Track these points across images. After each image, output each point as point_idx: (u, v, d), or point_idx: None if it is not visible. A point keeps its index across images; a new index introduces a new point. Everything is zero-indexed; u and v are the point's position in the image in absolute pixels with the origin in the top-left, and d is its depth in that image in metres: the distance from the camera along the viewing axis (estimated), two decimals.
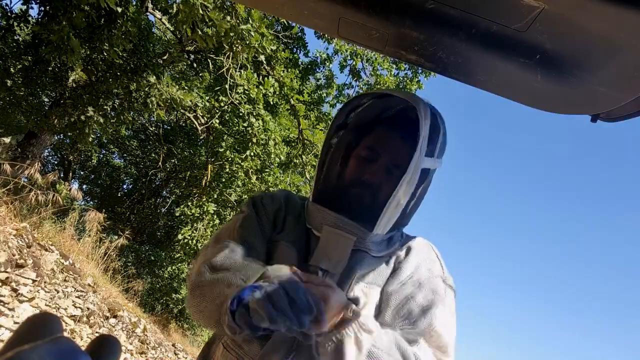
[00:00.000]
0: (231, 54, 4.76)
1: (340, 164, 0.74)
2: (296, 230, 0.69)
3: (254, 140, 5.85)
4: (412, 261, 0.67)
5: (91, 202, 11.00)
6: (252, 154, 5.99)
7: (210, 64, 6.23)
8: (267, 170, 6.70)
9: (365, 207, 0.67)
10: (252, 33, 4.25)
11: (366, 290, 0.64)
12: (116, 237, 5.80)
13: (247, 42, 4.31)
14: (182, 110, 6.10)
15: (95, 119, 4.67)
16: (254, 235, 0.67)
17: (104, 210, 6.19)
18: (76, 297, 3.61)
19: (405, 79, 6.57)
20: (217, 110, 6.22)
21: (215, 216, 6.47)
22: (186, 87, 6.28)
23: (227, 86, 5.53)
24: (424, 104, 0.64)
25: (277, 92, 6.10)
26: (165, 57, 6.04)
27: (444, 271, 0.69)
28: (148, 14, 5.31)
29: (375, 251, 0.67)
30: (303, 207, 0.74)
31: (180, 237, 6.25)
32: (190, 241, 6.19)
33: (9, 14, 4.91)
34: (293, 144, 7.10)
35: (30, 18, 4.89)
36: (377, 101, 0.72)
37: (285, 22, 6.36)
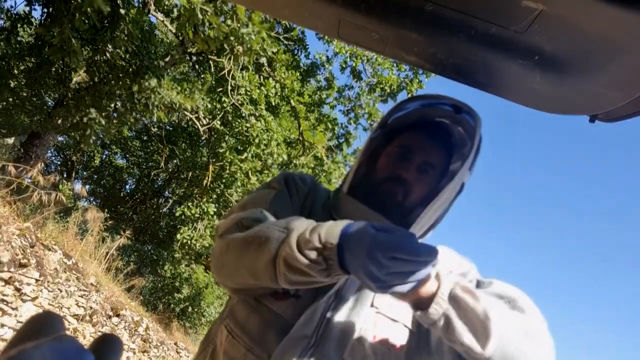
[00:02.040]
0: (232, 56, 4.78)
1: (374, 161, 0.73)
2: (322, 219, 0.68)
3: (255, 141, 5.86)
4: (443, 267, 0.66)
5: (94, 202, 11.06)
6: (251, 155, 6.01)
7: (212, 65, 6.25)
8: (266, 171, 6.72)
9: (395, 203, 0.66)
10: (253, 37, 4.25)
11: None
12: (119, 236, 5.83)
13: (248, 46, 4.32)
14: (184, 112, 6.12)
15: (97, 120, 4.70)
16: (285, 214, 0.63)
17: (106, 210, 6.22)
18: (79, 296, 3.63)
19: (406, 79, 6.56)
20: (218, 112, 6.24)
21: (215, 217, 6.50)
22: (188, 89, 6.31)
23: (228, 87, 5.55)
24: (479, 116, 0.65)
25: (279, 93, 6.11)
26: (167, 59, 6.06)
27: (474, 267, 0.70)
28: (150, 15, 5.33)
29: None
30: (327, 197, 0.73)
31: (179, 237, 6.29)
32: (189, 241, 6.22)
33: (12, 15, 4.95)
34: (293, 145, 7.12)
35: (33, 20, 4.93)
36: (423, 106, 0.72)
37: (286, 23, 6.37)
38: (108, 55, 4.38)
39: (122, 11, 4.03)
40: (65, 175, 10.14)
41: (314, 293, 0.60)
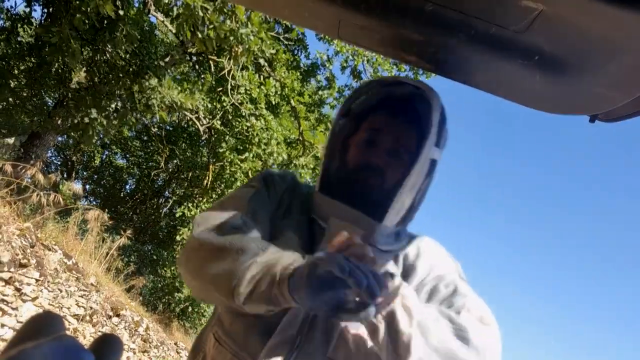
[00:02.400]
0: (230, 56, 4.78)
1: (342, 152, 0.71)
2: (300, 218, 0.67)
3: (255, 140, 5.87)
4: (425, 261, 0.66)
5: (94, 202, 11.06)
6: (252, 155, 6.01)
7: (212, 65, 6.25)
8: None
9: (373, 192, 0.65)
10: (252, 37, 4.24)
11: None
12: (119, 236, 5.83)
13: (247, 47, 4.32)
14: (184, 112, 6.12)
15: (99, 120, 4.70)
16: (263, 212, 0.64)
17: (106, 210, 6.22)
18: (79, 296, 3.63)
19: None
20: (218, 112, 6.24)
21: None
22: (188, 89, 6.31)
23: (228, 87, 5.55)
24: (436, 93, 0.63)
25: (279, 92, 6.12)
26: (167, 59, 6.06)
27: (458, 266, 0.69)
28: (150, 15, 5.33)
29: (383, 244, 0.63)
30: (308, 195, 0.71)
31: (179, 237, 6.29)
32: None
33: (12, 15, 4.96)
34: (293, 145, 7.12)
35: (33, 20, 4.93)
36: (381, 89, 0.70)
37: (286, 23, 6.37)
38: (108, 55, 4.38)
39: (121, 12, 4.03)
40: (65, 175, 10.15)
41: None
